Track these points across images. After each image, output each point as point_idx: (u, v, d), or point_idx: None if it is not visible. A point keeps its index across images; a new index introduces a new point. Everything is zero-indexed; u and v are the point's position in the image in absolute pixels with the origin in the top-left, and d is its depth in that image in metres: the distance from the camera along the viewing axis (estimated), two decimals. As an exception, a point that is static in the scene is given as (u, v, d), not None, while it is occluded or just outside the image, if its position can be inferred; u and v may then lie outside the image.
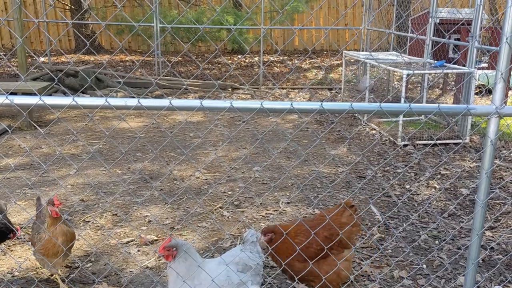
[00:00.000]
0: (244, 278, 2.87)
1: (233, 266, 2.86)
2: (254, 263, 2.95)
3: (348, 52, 9.85)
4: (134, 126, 8.03)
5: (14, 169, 5.88)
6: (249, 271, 2.91)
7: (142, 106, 2.40)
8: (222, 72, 13.38)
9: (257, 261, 2.98)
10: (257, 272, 2.98)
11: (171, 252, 2.70)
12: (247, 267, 2.91)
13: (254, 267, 2.93)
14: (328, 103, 2.48)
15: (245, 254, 2.94)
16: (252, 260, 2.94)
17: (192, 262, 2.73)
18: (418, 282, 3.69)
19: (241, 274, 2.88)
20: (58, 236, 3.29)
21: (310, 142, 7.23)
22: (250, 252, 2.98)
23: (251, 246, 3.02)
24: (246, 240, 3.05)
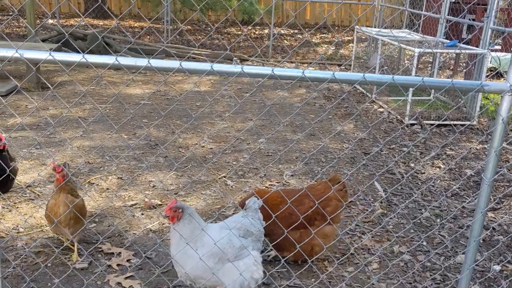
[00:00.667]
0: (245, 243, 2.90)
1: (235, 231, 2.89)
2: (256, 229, 2.98)
3: (360, 28, 9.71)
4: (142, 93, 8.01)
5: (22, 128, 5.90)
6: (250, 237, 2.94)
7: (152, 67, 2.38)
8: (232, 42, 13.25)
9: (258, 227, 3.01)
10: (258, 238, 3.01)
11: (176, 214, 2.72)
12: (248, 233, 2.94)
13: (256, 233, 2.96)
14: (341, 73, 2.45)
15: (247, 220, 2.97)
16: (254, 226, 2.97)
17: (196, 225, 2.75)
18: (418, 258, 3.72)
19: (243, 239, 2.91)
20: (59, 205, 3.22)
21: (317, 117, 7.20)
22: (252, 218, 3.00)
23: (253, 213, 3.04)
24: (249, 207, 3.08)
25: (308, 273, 3.44)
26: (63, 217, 3.20)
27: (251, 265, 2.87)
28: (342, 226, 4.12)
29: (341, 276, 3.42)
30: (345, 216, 4.30)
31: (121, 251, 3.50)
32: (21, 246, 3.53)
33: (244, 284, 2.83)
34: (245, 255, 2.88)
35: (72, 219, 3.24)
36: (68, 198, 3.26)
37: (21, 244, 3.55)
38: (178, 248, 2.74)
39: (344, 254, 3.69)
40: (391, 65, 10.74)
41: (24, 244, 3.56)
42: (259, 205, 3.11)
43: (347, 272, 3.47)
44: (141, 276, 3.28)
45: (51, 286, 3.08)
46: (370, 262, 3.62)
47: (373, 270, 3.52)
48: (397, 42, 7.74)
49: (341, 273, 3.45)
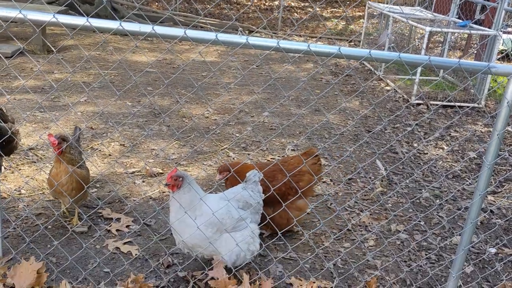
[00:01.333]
0: (244, 215, 2.92)
1: (234, 202, 2.91)
2: (255, 201, 2.99)
3: (372, 4, 9.55)
4: (148, 60, 7.96)
5: (26, 90, 5.90)
6: (249, 209, 2.96)
7: (156, 34, 2.35)
8: (241, 13, 13.08)
9: (258, 200, 3.03)
10: (257, 210, 3.03)
11: (177, 182, 2.73)
12: (247, 205, 2.96)
13: (255, 205, 2.98)
14: (346, 48, 2.41)
15: (247, 192, 2.98)
16: (253, 199, 2.99)
17: (195, 194, 2.77)
18: (414, 237, 3.74)
19: (242, 211, 2.93)
20: (61, 175, 3.16)
21: (323, 92, 7.15)
22: (251, 191, 3.01)
23: (252, 185, 3.05)
24: (249, 180, 3.08)
25: (305, 247, 3.47)
26: (65, 187, 3.16)
27: (248, 237, 2.89)
28: (341, 202, 4.14)
29: (337, 251, 3.45)
30: (345, 192, 4.32)
31: (120, 217, 3.54)
32: (22, 207, 3.57)
33: (240, 255, 2.86)
34: (243, 226, 2.90)
35: (74, 189, 3.20)
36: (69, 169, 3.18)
37: (22, 206, 3.59)
38: (177, 216, 2.77)
39: (341, 230, 3.72)
40: (401, 43, 10.59)
41: (25, 206, 3.60)
42: (260, 178, 3.11)
43: (343, 248, 3.50)
44: (139, 242, 3.32)
45: (50, 247, 3.13)
46: (367, 239, 3.65)
47: (369, 247, 3.55)
48: (408, 19, 7.61)
49: (337, 248, 3.48)
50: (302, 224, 3.75)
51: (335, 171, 4.71)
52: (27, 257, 2.89)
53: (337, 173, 4.68)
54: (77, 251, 3.11)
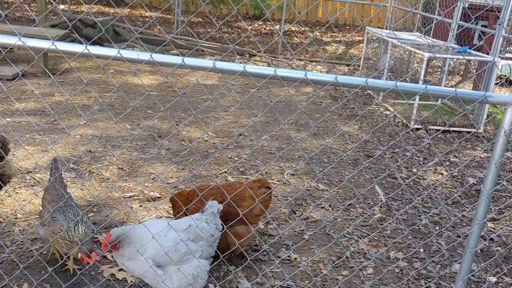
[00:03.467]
0: (193, 248, 2.78)
1: (184, 234, 2.77)
2: (208, 234, 2.85)
3: (371, 29, 9.65)
4: (148, 83, 8.01)
5: (25, 114, 5.92)
6: (201, 241, 2.83)
7: (154, 61, 2.37)
8: (241, 37, 13.21)
9: (212, 232, 2.89)
10: (211, 244, 2.89)
11: (115, 244, 2.68)
12: (198, 237, 2.82)
13: (206, 238, 2.84)
14: (343, 77, 2.43)
15: (201, 223, 2.85)
16: (206, 231, 2.85)
17: (136, 240, 2.69)
18: (414, 265, 3.70)
19: (192, 243, 2.79)
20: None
21: (322, 117, 7.17)
22: (206, 222, 2.89)
23: (210, 216, 2.93)
24: (206, 210, 2.97)
25: (302, 275, 3.43)
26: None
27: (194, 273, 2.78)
28: (340, 229, 4.10)
29: (335, 279, 3.41)
30: (343, 218, 4.29)
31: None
32: (18, 232, 3.54)
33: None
34: (191, 260, 2.79)
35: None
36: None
37: (18, 230, 3.56)
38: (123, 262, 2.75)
39: (339, 257, 3.68)
40: (401, 67, 10.67)
41: (21, 230, 3.57)
42: (219, 210, 2.99)
43: (341, 276, 3.45)
44: (135, 268, 3.28)
45: (45, 274, 3.09)
46: (365, 266, 3.61)
47: (368, 275, 3.51)
48: (407, 45, 7.68)
49: (335, 277, 3.44)
50: (300, 251, 3.72)
51: (334, 197, 4.68)
52: (20, 283, 2.85)
53: (336, 199, 4.66)
54: (71, 278, 3.07)
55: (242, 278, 3.32)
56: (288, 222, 4.15)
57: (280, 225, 4.09)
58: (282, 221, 4.16)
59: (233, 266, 3.45)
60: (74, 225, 2.90)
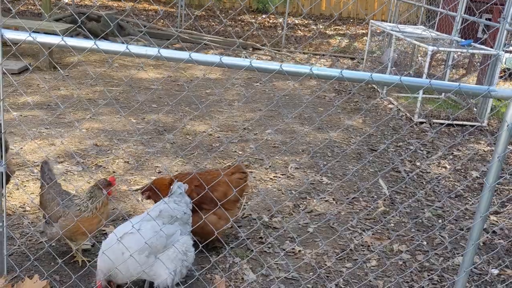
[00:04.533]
0: (172, 229, 2.91)
1: (159, 220, 2.89)
2: (181, 213, 2.99)
3: (375, 22, 9.64)
4: (152, 77, 8.04)
5: (32, 107, 5.98)
6: (176, 222, 2.96)
7: (162, 56, 2.41)
8: (245, 30, 13.21)
9: (184, 210, 3.03)
10: (185, 221, 3.03)
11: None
12: (173, 219, 2.95)
13: (181, 216, 2.98)
14: (348, 71, 2.46)
15: (169, 206, 2.96)
16: (178, 211, 2.98)
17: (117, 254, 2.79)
18: (417, 257, 3.74)
19: (169, 226, 2.91)
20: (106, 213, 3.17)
21: (326, 110, 7.20)
22: (175, 203, 3.01)
23: (178, 197, 3.06)
24: (174, 192, 3.10)
25: (307, 267, 3.48)
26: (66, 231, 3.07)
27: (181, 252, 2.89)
28: (343, 222, 4.15)
29: (339, 272, 3.46)
30: (347, 212, 4.33)
31: (124, 234, 3.56)
32: (27, 224, 3.60)
33: (177, 270, 2.88)
34: (175, 241, 2.91)
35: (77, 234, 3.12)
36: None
37: (27, 223, 3.62)
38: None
39: (343, 250, 3.73)
40: (405, 60, 10.67)
41: (30, 223, 3.63)
42: (185, 189, 3.14)
43: (345, 268, 3.50)
44: (142, 260, 3.33)
45: (54, 265, 3.15)
46: (369, 259, 3.65)
47: (371, 267, 3.55)
48: (411, 38, 7.68)
49: (339, 268, 3.49)
50: (305, 244, 3.77)
51: (338, 190, 4.73)
52: (31, 275, 2.92)
53: (340, 192, 4.70)
54: (80, 270, 3.13)
55: (248, 270, 3.37)
56: (292, 215, 4.20)
57: (284, 218, 4.14)
58: (286, 214, 4.20)
59: (238, 258, 3.50)
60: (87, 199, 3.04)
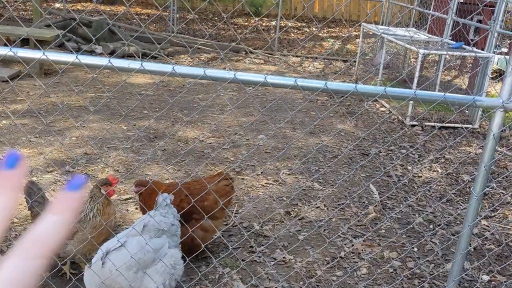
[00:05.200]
0: (159, 242, 2.88)
1: (146, 235, 2.85)
2: (168, 225, 2.96)
3: (366, 25, 9.65)
4: (144, 82, 8.01)
5: (21, 115, 5.94)
6: (164, 234, 2.93)
7: (144, 70, 2.39)
8: (238, 33, 13.20)
9: (172, 221, 3.00)
10: (173, 233, 3.00)
11: None
12: (160, 232, 2.92)
13: (168, 228, 2.96)
14: (333, 83, 2.45)
15: (157, 218, 2.93)
16: (165, 223, 2.95)
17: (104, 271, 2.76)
18: (407, 264, 3.73)
19: (156, 239, 2.88)
20: (112, 215, 3.16)
21: (318, 114, 7.19)
22: (161, 215, 2.98)
23: (164, 209, 3.04)
24: (159, 205, 3.07)
25: (297, 276, 3.46)
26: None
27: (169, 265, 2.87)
28: (334, 229, 4.14)
29: (329, 280, 3.44)
30: (338, 218, 4.32)
31: (112, 246, 3.53)
32: (15, 237, 3.57)
33: (166, 283, 2.86)
34: (163, 254, 2.89)
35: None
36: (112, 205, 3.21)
37: (15, 235, 3.59)
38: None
39: (334, 258, 3.71)
40: (397, 62, 10.68)
41: (18, 235, 3.60)
42: (171, 200, 3.12)
43: (336, 277, 3.49)
44: (131, 272, 3.31)
45: (40, 280, 3.12)
46: (360, 267, 3.64)
47: (362, 275, 3.54)
48: (402, 42, 7.69)
49: (330, 277, 3.48)
50: (295, 252, 3.75)
51: (329, 196, 4.72)
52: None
53: (331, 198, 4.69)
54: (68, 283, 3.10)
55: (237, 280, 3.35)
56: (283, 222, 4.18)
57: (275, 226, 4.13)
58: (277, 222, 4.19)
59: (228, 268, 3.48)
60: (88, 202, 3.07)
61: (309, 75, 9.70)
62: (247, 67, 9.83)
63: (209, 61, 9.97)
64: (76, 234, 3.02)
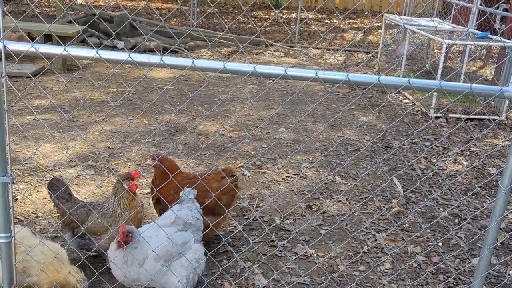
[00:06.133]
0: (186, 236, 2.92)
1: (174, 228, 2.89)
2: (194, 219, 3.00)
3: (389, 16, 9.48)
4: (164, 77, 8.04)
5: (45, 110, 6.02)
6: (189, 228, 2.97)
7: (164, 64, 2.38)
8: (258, 26, 13.13)
9: (197, 216, 3.04)
10: (198, 227, 3.03)
11: (128, 238, 2.73)
12: (187, 225, 2.96)
13: (194, 223, 2.99)
14: (355, 75, 2.39)
15: (183, 212, 2.98)
16: (192, 217, 3.00)
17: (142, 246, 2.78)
18: (432, 259, 3.66)
19: (183, 233, 2.92)
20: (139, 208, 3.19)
21: (340, 107, 7.10)
22: (188, 210, 3.02)
23: (188, 204, 3.07)
24: (184, 199, 3.11)
25: (319, 271, 3.43)
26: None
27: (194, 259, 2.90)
28: (357, 223, 4.08)
29: (352, 275, 3.40)
30: (360, 212, 4.27)
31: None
32: (39, 230, 3.62)
33: (189, 277, 2.87)
34: (188, 249, 2.92)
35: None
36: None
37: (39, 229, 3.64)
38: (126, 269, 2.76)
39: (357, 253, 3.67)
40: (420, 53, 10.48)
41: (42, 229, 3.65)
42: (194, 194, 3.16)
43: (358, 271, 3.45)
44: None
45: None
46: (383, 262, 3.59)
47: (385, 270, 3.49)
48: (425, 32, 7.53)
49: (352, 272, 3.43)
50: (317, 247, 3.72)
51: (351, 190, 4.66)
52: (41, 283, 2.91)
53: (353, 192, 4.63)
54: (91, 276, 3.13)
55: (259, 275, 3.34)
56: (304, 216, 4.15)
57: (296, 220, 4.10)
58: (298, 216, 4.16)
59: (249, 262, 3.47)
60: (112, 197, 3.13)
61: (330, 67, 9.60)
62: (267, 60, 9.78)
63: (229, 54, 9.95)
64: (109, 229, 3.06)
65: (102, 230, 3.07)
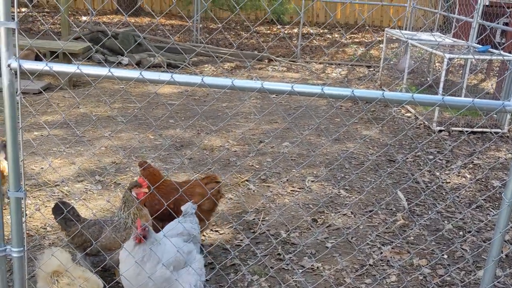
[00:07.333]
0: (190, 248, 3.04)
1: (180, 237, 3.02)
2: (196, 232, 3.13)
3: (390, 30, 9.60)
4: (169, 92, 8.13)
5: (52, 126, 6.10)
6: (191, 240, 3.08)
7: (175, 81, 2.45)
8: (260, 42, 13.28)
9: (198, 230, 3.18)
10: (198, 240, 3.16)
11: (146, 232, 2.78)
12: (190, 237, 3.08)
13: (197, 235, 3.13)
14: (359, 90, 2.46)
15: (188, 225, 3.11)
16: (194, 230, 3.13)
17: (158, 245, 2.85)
18: (437, 271, 3.69)
19: (187, 244, 3.04)
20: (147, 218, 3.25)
21: (343, 121, 7.17)
22: (190, 223, 3.15)
23: (190, 217, 3.19)
24: (186, 213, 3.20)
25: (326, 284, 3.46)
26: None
27: (199, 268, 2.99)
28: (362, 236, 4.12)
29: (358, 288, 3.43)
30: (366, 225, 4.30)
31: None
32: (48, 245, 3.66)
33: (197, 285, 2.92)
34: (192, 259, 3.01)
35: None
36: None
37: (48, 244, 3.69)
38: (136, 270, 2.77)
39: (362, 265, 3.70)
40: (421, 67, 10.57)
41: (51, 244, 3.70)
42: (194, 209, 3.26)
43: (365, 284, 3.47)
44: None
45: None
46: (389, 274, 3.62)
47: (391, 283, 3.52)
48: (427, 46, 7.62)
49: (359, 285, 3.46)
50: (323, 260, 3.75)
51: (356, 203, 4.70)
52: (52, 297, 2.95)
53: (358, 205, 4.67)
54: (100, 290, 3.17)
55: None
56: (310, 230, 4.19)
57: (302, 233, 4.13)
58: (304, 229, 4.20)
59: (256, 275, 3.50)
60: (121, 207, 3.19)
61: (332, 81, 9.69)
62: (270, 74, 9.88)
63: (232, 69, 10.06)
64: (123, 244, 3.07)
65: (117, 245, 3.10)
